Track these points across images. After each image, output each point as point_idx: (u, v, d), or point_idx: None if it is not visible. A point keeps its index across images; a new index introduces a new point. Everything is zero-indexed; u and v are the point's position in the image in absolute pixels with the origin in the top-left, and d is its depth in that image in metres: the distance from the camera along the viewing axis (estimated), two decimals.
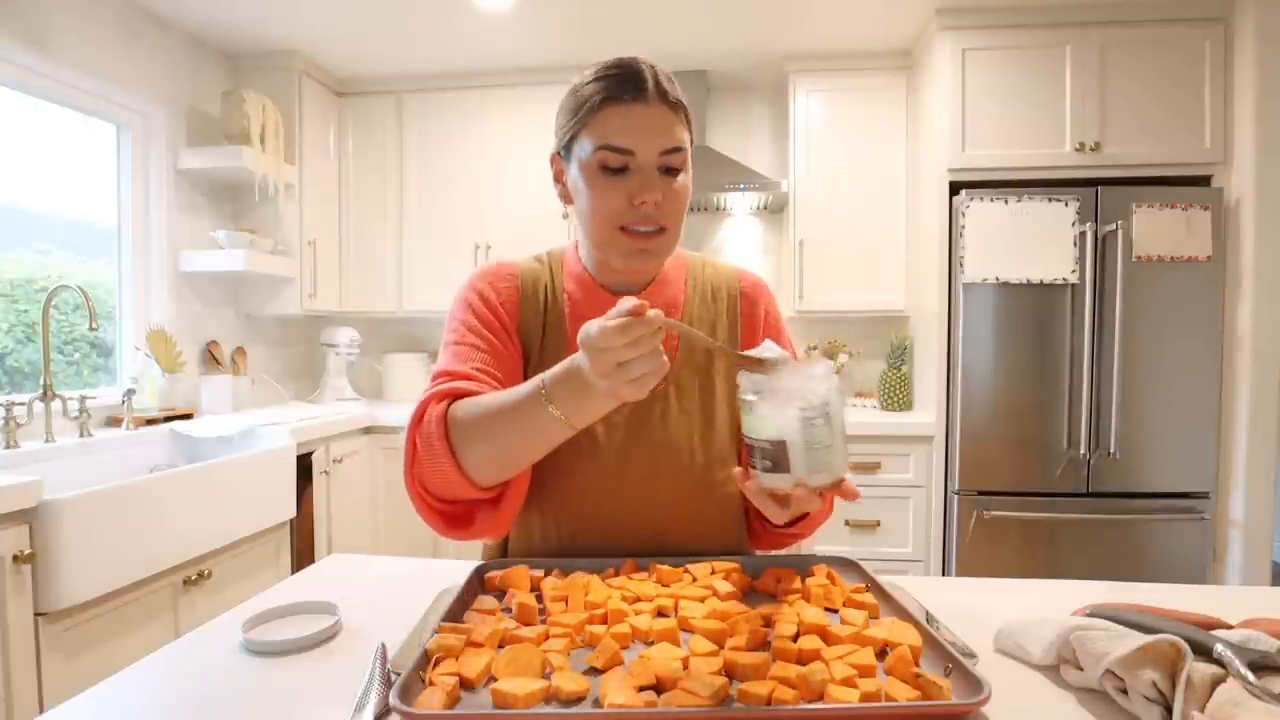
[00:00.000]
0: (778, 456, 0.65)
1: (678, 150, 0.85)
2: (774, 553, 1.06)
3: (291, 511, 2.23)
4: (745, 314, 1.00)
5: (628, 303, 0.65)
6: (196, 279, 2.69)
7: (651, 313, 0.64)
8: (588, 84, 0.85)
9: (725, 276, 1.02)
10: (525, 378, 0.91)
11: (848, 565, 0.89)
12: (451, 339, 0.91)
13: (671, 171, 0.86)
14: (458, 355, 0.89)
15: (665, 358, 0.66)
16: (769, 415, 0.65)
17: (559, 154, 0.91)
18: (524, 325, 0.95)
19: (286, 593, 0.89)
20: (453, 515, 0.86)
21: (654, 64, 0.86)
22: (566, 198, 0.92)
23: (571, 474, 0.91)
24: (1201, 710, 0.54)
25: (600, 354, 0.65)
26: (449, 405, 0.81)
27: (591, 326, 0.66)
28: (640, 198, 0.83)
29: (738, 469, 0.75)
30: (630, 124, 0.82)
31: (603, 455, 0.92)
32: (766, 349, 0.71)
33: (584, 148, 0.85)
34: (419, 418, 0.82)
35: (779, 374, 0.66)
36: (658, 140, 0.83)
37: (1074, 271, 2.34)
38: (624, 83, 0.83)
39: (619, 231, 0.86)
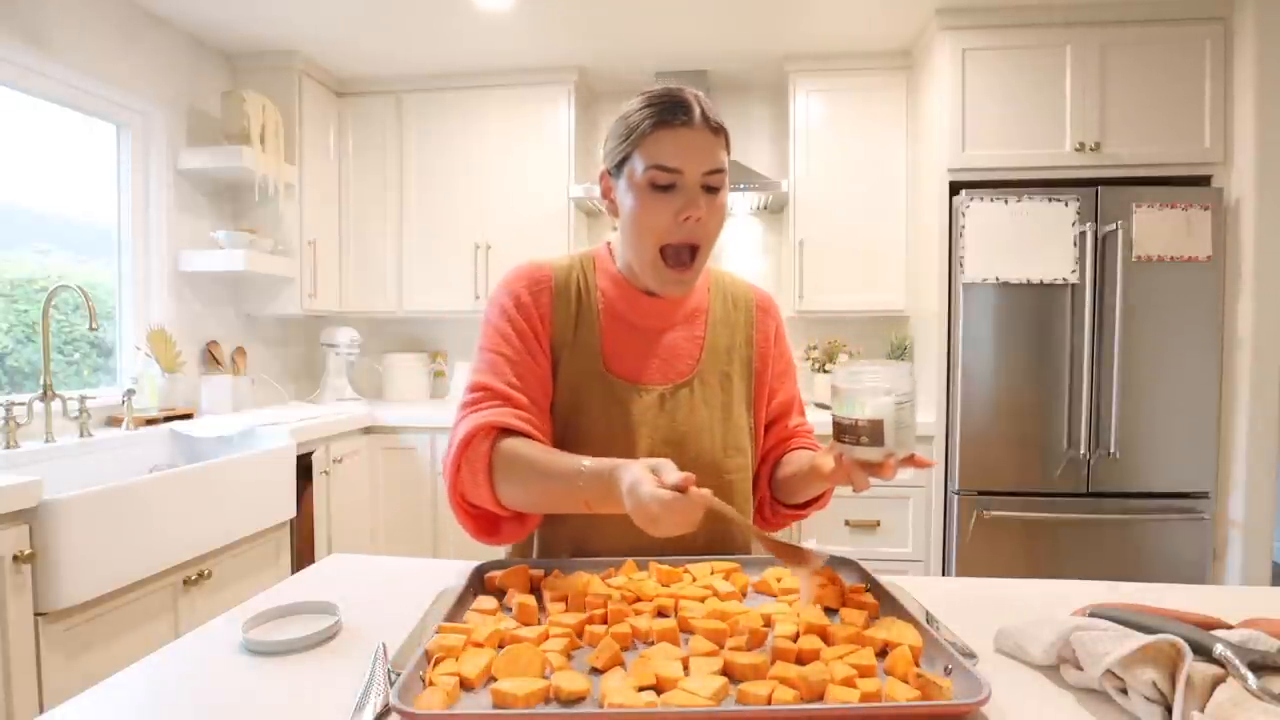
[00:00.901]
0: (874, 432, 0.77)
1: (719, 171, 0.93)
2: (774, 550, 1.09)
3: (291, 511, 2.23)
4: (759, 323, 1.10)
5: (673, 474, 0.72)
6: (196, 279, 2.69)
7: (694, 492, 0.71)
8: (638, 110, 0.93)
9: (743, 289, 1.13)
10: (556, 374, 0.99)
11: (848, 565, 0.89)
12: (486, 345, 0.99)
13: (712, 190, 0.93)
14: (493, 367, 0.96)
15: (693, 520, 0.72)
16: (868, 400, 0.78)
17: (609, 172, 0.99)
18: (556, 324, 1.00)
19: (286, 593, 0.89)
20: (484, 521, 0.96)
21: (698, 93, 0.94)
22: (613, 211, 1.00)
23: (610, 433, 0.98)
24: (1201, 710, 0.54)
25: (641, 507, 0.72)
26: (495, 440, 0.90)
27: (642, 488, 0.72)
28: (685, 213, 0.91)
29: (828, 456, 0.84)
30: (679, 146, 0.90)
31: (639, 417, 0.99)
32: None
33: (635, 167, 0.93)
34: (466, 443, 0.90)
35: (874, 371, 0.79)
36: (703, 161, 0.91)
37: (1074, 271, 2.34)
38: (674, 109, 0.91)
39: (659, 257, 0.94)
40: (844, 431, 0.80)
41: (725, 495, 1.01)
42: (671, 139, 0.90)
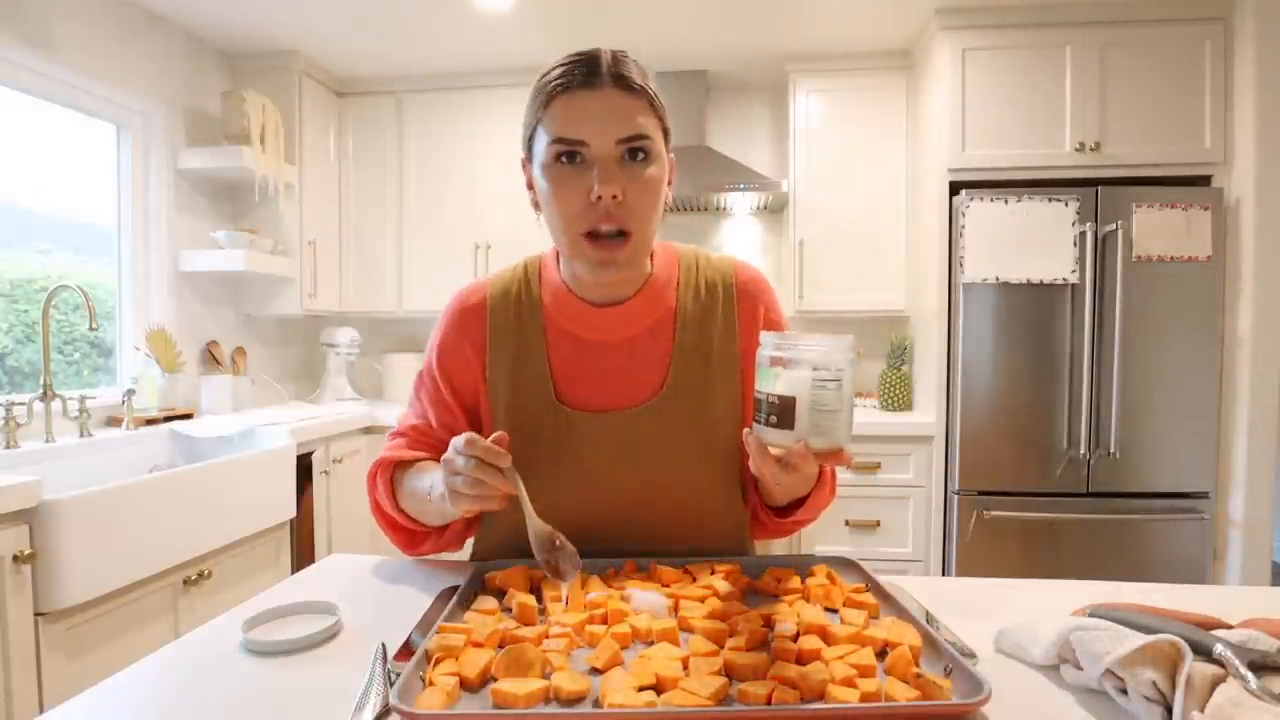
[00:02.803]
0: (784, 412, 0.66)
1: (639, 138, 0.78)
2: (774, 553, 1.08)
3: (291, 511, 2.23)
4: (742, 311, 0.94)
5: (484, 443, 0.73)
6: (196, 279, 2.69)
7: (502, 458, 0.73)
8: (540, 79, 0.81)
9: (722, 270, 0.96)
10: (496, 407, 0.92)
11: (848, 565, 0.89)
12: (416, 382, 0.99)
13: (638, 160, 0.79)
14: (412, 410, 1.00)
15: (489, 491, 0.73)
16: (783, 373, 0.66)
17: (525, 158, 0.87)
18: (494, 353, 0.93)
19: (286, 593, 0.89)
20: (409, 535, 0.97)
21: (619, 52, 0.80)
22: (536, 204, 0.88)
23: (567, 471, 0.91)
24: (1201, 710, 0.54)
25: (448, 461, 0.75)
26: (393, 470, 0.95)
27: (459, 441, 0.74)
28: (596, 192, 0.77)
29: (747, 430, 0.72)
30: (582, 113, 0.77)
31: (599, 450, 0.90)
32: None
33: (541, 144, 0.81)
34: (374, 476, 0.95)
35: (802, 339, 0.67)
36: (613, 129, 0.77)
37: (1074, 271, 2.34)
38: (572, 70, 0.78)
39: (584, 239, 0.81)
40: (757, 409, 0.69)
41: (707, 518, 0.92)
42: (572, 105, 0.77)
